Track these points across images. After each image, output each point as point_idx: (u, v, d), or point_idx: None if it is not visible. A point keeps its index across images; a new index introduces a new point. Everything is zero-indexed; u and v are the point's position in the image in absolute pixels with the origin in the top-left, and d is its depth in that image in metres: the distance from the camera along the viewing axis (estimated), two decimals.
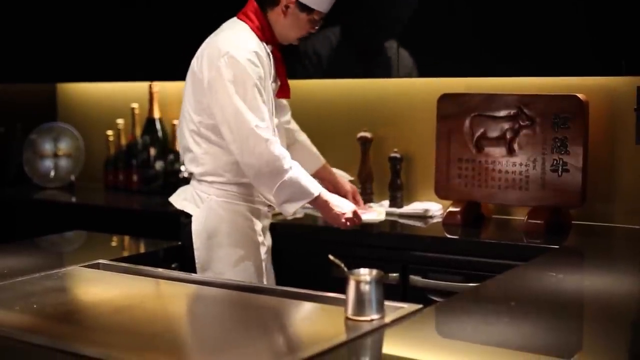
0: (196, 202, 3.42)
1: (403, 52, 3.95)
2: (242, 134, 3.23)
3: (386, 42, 3.99)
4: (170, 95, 5.06)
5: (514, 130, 3.74)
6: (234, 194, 3.40)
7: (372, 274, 2.26)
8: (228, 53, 3.25)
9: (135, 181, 5.04)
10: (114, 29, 4.89)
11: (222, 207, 3.39)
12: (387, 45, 3.99)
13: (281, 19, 3.40)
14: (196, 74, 3.36)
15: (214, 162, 3.38)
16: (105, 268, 3.05)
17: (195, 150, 3.39)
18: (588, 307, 2.59)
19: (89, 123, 5.47)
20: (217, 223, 3.38)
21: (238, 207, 3.40)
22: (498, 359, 2.06)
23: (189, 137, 3.40)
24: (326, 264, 2.50)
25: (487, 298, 2.64)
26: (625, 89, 3.65)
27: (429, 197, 4.08)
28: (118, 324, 2.40)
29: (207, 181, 3.40)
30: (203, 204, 3.40)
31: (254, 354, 2.14)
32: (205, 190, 3.41)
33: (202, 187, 3.42)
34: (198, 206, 3.41)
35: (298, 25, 3.43)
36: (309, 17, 3.42)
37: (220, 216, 3.38)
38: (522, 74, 3.78)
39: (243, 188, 3.40)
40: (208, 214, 3.39)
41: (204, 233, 3.38)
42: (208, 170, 3.39)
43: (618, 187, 3.77)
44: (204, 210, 3.39)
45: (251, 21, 3.38)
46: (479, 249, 3.49)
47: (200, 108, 3.34)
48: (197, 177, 3.44)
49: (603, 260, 3.22)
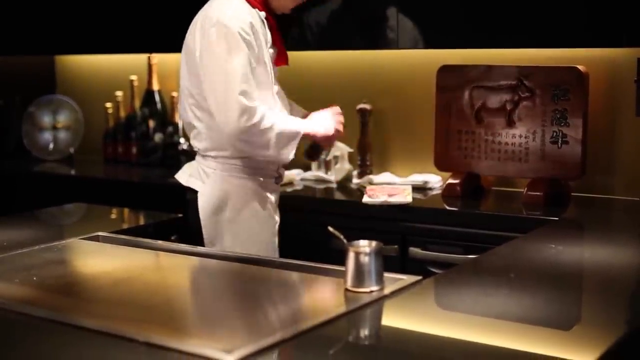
0: (202, 177, 3.38)
1: (403, 24, 3.94)
2: (228, 102, 3.17)
3: (386, 13, 3.98)
4: (169, 67, 5.05)
5: (513, 102, 3.73)
6: (240, 167, 3.35)
7: (372, 246, 2.26)
8: (219, 22, 3.20)
9: (135, 153, 5.04)
10: (113, 1, 4.87)
11: (227, 181, 3.35)
12: (387, 17, 3.98)
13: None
14: (189, 46, 3.33)
15: (217, 135, 3.35)
16: (105, 240, 3.05)
17: (198, 125, 3.36)
18: (587, 279, 2.59)
19: (88, 95, 5.47)
20: (224, 198, 3.34)
21: (245, 181, 3.36)
22: (497, 330, 2.06)
23: (189, 112, 3.37)
24: (326, 235, 2.50)
25: (486, 270, 2.64)
26: (626, 61, 3.64)
27: (429, 169, 4.07)
28: (117, 296, 2.41)
29: (211, 156, 3.36)
30: (208, 179, 3.37)
31: (254, 326, 2.15)
32: (210, 165, 3.37)
33: (207, 162, 3.38)
34: (204, 182, 3.37)
35: None
36: None
37: (226, 191, 3.34)
38: (522, 45, 3.77)
39: (249, 161, 3.35)
40: (213, 188, 3.35)
41: (209, 208, 3.34)
42: (211, 145, 3.34)
43: (618, 159, 3.77)
44: (209, 185, 3.36)
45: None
46: (478, 220, 3.49)
47: (197, 81, 3.31)
48: (201, 153, 3.40)
49: (602, 232, 3.22)
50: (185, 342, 1.98)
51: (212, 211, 3.33)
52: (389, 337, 2.08)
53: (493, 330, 2.06)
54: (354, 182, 4.18)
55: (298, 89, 3.92)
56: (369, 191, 3.74)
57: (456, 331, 2.06)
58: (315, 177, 4.27)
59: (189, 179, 3.41)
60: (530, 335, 2.03)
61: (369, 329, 2.14)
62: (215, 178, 3.34)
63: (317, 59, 4.45)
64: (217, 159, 3.34)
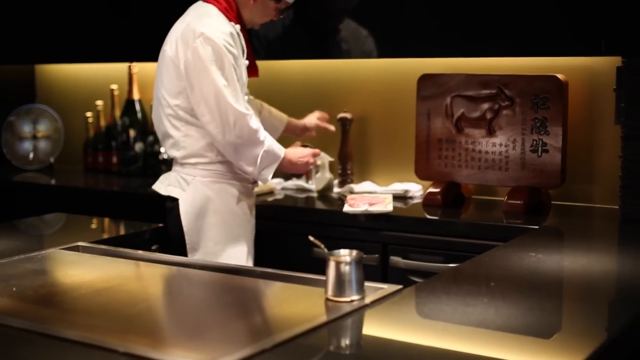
0: (181, 185, 3.42)
1: (383, 33, 3.94)
2: (223, 112, 3.27)
3: (367, 23, 3.98)
4: (149, 76, 5.01)
5: (493, 110, 3.74)
6: (219, 172, 3.41)
7: (352, 255, 2.26)
8: (203, 34, 3.27)
9: (115, 163, 5.03)
10: (93, 9, 4.86)
11: (208, 186, 3.40)
12: (367, 27, 3.98)
13: (250, 4, 3.44)
14: (170, 58, 3.35)
15: (195, 143, 3.39)
16: (85, 250, 3.04)
17: (175, 135, 3.39)
18: (567, 287, 2.60)
19: (68, 105, 5.45)
20: (205, 203, 3.39)
21: (225, 185, 3.42)
22: (478, 339, 2.06)
23: (166, 122, 3.41)
24: (306, 244, 2.50)
25: (467, 278, 2.65)
26: (605, 69, 3.66)
27: (409, 178, 4.08)
28: (98, 307, 2.40)
29: (190, 163, 3.41)
30: (189, 186, 3.40)
31: (234, 336, 2.14)
32: (189, 172, 3.41)
33: (186, 170, 3.42)
34: (184, 189, 3.41)
35: (265, 12, 3.50)
36: (277, 6, 3.50)
37: (207, 196, 3.39)
38: (501, 54, 3.78)
39: (227, 166, 3.41)
40: (195, 194, 3.39)
41: (192, 214, 3.38)
42: (190, 153, 3.40)
43: (597, 168, 3.78)
44: (190, 192, 3.40)
45: (218, 2, 3.39)
46: (459, 229, 3.50)
47: (176, 91, 3.35)
48: (179, 161, 3.43)
49: (582, 241, 3.23)
50: (166, 353, 1.98)
51: (195, 217, 3.37)
52: (370, 347, 2.07)
53: (474, 339, 2.06)
54: (335, 191, 4.19)
55: (280, 97, 3.93)
56: (350, 200, 3.74)
57: (437, 340, 2.06)
58: (296, 186, 4.27)
59: (167, 188, 3.45)
60: (511, 343, 2.03)
61: (349, 338, 2.14)
62: (196, 184, 3.39)
63: (299, 67, 4.46)
64: (197, 166, 3.39)
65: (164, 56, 3.41)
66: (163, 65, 3.41)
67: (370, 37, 3.98)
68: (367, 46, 3.99)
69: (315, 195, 4.18)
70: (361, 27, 4.01)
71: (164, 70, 3.40)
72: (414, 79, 3.94)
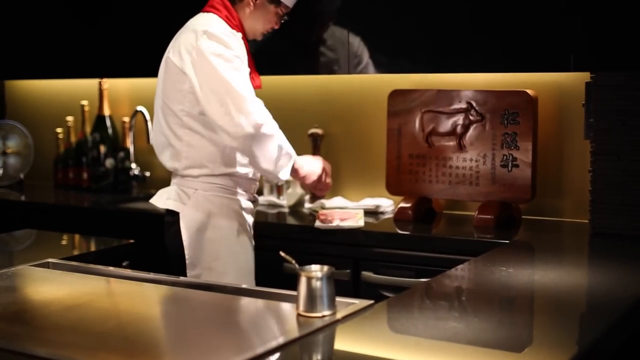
0: (181, 198, 3.36)
1: (354, 49, 3.95)
2: (233, 100, 3.21)
3: (336, 38, 3.99)
4: (120, 92, 5.03)
5: (464, 125, 3.76)
6: (222, 187, 3.35)
7: (323, 270, 2.26)
8: (206, 31, 3.26)
9: (85, 179, 5.01)
10: (63, 26, 4.85)
11: (210, 201, 3.34)
12: (337, 42, 3.99)
13: (249, 10, 3.42)
14: (174, 64, 3.31)
15: (198, 153, 3.32)
16: (55, 267, 3.02)
17: (176, 145, 3.35)
18: (538, 301, 2.61)
19: (38, 120, 5.43)
20: (206, 217, 3.33)
21: (227, 200, 3.36)
22: (449, 353, 2.07)
23: (168, 131, 3.35)
24: (278, 260, 2.50)
25: (438, 293, 2.65)
26: (574, 85, 3.68)
27: (380, 193, 4.09)
28: (68, 323, 2.38)
29: (192, 175, 3.34)
30: (190, 200, 3.35)
31: (205, 353, 2.14)
32: (191, 185, 3.35)
33: (187, 183, 3.36)
34: (184, 202, 3.34)
35: (265, 17, 3.47)
36: (276, 10, 3.47)
37: (208, 210, 3.33)
38: (472, 70, 3.80)
39: (230, 182, 3.36)
40: (196, 208, 3.33)
41: (193, 228, 3.33)
42: (192, 163, 3.33)
43: (567, 182, 3.81)
44: (191, 205, 3.34)
45: (219, 11, 3.38)
46: (430, 244, 3.51)
47: (181, 96, 3.30)
48: (180, 173, 3.37)
49: (552, 255, 3.25)
50: None
51: (196, 231, 3.32)
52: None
53: (445, 354, 2.07)
54: (306, 206, 4.19)
55: None
56: (321, 216, 3.74)
57: (409, 355, 2.07)
58: (268, 202, 4.27)
59: (166, 201, 3.38)
60: (482, 357, 2.04)
61: (321, 353, 2.14)
62: (197, 198, 3.33)
63: (269, 83, 4.46)
64: (199, 178, 3.34)
65: (167, 64, 3.37)
66: (166, 73, 3.37)
67: (340, 54, 3.98)
68: (337, 63, 4.00)
69: (286, 210, 4.18)
70: (332, 44, 4.01)
71: (166, 78, 3.37)
72: (384, 95, 3.95)
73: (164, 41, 3.43)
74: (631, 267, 2.96)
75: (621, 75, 3.38)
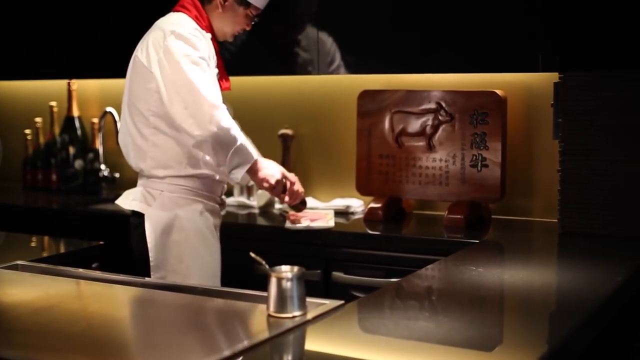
0: (147, 200, 3.34)
1: (322, 49, 3.95)
2: (197, 103, 3.20)
3: (305, 39, 3.99)
4: (89, 93, 5.01)
5: (433, 126, 3.77)
6: (187, 188, 3.33)
7: (294, 271, 2.26)
8: (174, 31, 3.26)
9: (55, 180, 4.99)
10: (31, 26, 4.82)
11: (176, 202, 3.33)
12: (306, 43, 3.99)
13: (218, 12, 3.43)
14: (142, 63, 3.30)
15: (163, 154, 3.31)
16: (24, 269, 3.00)
17: (142, 145, 3.33)
18: (508, 300, 2.62)
19: (6, 122, 5.39)
20: (171, 219, 3.32)
21: (193, 202, 3.35)
22: (420, 353, 2.07)
23: (134, 131, 3.34)
24: (248, 261, 2.49)
25: (408, 293, 2.66)
26: (542, 85, 3.70)
27: (351, 194, 4.09)
28: (37, 326, 2.37)
29: (157, 176, 3.33)
30: (155, 201, 3.34)
31: (175, 354, 2.13)
32: (156, 187, 3.34)
33: (153, 184, 3.34)
34: (149, 204, 3.33)
35: (234, 19, 3.47)
36: (246, 12, 3.47)
37: (173, 212, 3.32)
38: (441, 70, 3.81)
39: (196, 183, 3.35)
40: (162, 210, 3.32)
41: (158, 230, 3.31)
42: (157, 164, 3.31)
43: (536, 182, 3.82)
44: (156, 207, 3.33)
45: (189, 11, 3.38)
46: (400, 244, 3.51)
47: (148, 95, 3.29)
48: (145, 174, 3.36)
49: (522, 254, 3.27)
50: None
51: (161, 233, 3.30)
52: None
53: (416, 353, 2.07)
54: (276, 207, 4.18)
55: None
56: (291, 216, 3.74)
57: (380, 355, 2.07)
58: (238, 203, 4.26)
59: (132, 202, 3.37)
60: (453, 357, 2.05)
61: (292, 354, 2.14)
62: (163, 199, 3.32)
63: (238, 84, 4.45)
64: (165, 180, 3.33)
65: (134, 62, 3.36)
66: (133, 71, 3.36)
67: (310, 54, 3.98)
68: (307, 63, 4.00)
69: (256, 211, 4.17)
70: (302, 44, 4.01)
71: (134, 77, 3.36)
72: (354, 95, 3.96)
73: (134, 42, 3.42)
74: (600, 266, 2.97)
75: (589, 75, 3.39)
